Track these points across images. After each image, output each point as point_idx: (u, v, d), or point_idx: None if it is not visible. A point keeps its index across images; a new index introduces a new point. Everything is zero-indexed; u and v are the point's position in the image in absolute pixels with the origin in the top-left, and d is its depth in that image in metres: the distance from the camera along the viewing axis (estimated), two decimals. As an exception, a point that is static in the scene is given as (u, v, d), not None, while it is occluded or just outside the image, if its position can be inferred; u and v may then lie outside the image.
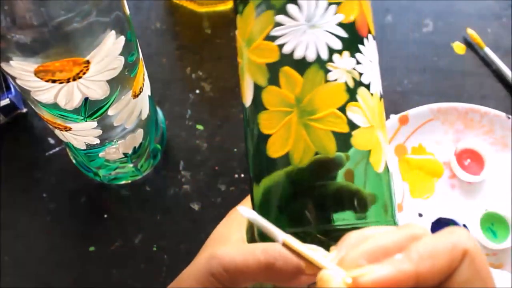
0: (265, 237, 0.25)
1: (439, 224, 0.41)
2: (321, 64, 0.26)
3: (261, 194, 0.27)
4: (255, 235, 0.28)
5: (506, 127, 0.44)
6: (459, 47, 0.50)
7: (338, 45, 0.27)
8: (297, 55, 0.26)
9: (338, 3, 0.27)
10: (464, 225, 0.41)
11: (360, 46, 0.27)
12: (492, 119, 0.44)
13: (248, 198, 0.30)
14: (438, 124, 0.45)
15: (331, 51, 0.27)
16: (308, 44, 0.26)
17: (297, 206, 0.26)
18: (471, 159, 0.44)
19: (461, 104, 0.44)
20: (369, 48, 0.28)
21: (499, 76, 0.49)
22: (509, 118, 0.44)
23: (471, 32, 0.49)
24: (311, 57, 0.26)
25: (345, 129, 0.26)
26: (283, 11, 0.26)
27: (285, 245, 0.20)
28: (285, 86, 0.26)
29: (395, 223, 0.26)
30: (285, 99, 0.26)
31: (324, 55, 0.26)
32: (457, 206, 0.42)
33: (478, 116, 0.44)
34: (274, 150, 0.26)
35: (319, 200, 0.26)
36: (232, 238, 0.28)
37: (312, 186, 0.26)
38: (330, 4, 0.27)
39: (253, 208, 0.28)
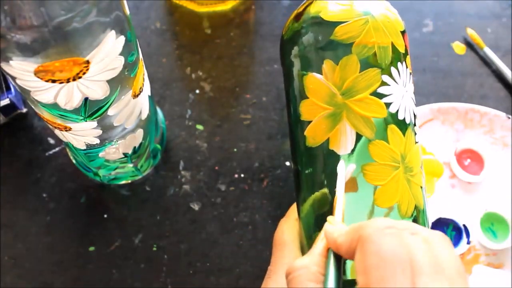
0: None
1: (439, 224, 0.41)
2: (412, 127, 0.29)
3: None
4: None
5: (506, 127, 0.44)
6: (459, 47, 0.50)
7: (415, 110, 0.30)
8: (400, 116, 0.28)
9: (411, 73, 0.31)
10: (464, 225, 0.41)
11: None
12: (492, 119, 0.44)
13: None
14: (438, 124, 0.45)
15: (415, 116, 0.30)
16: (406, 107, 0.29)
17: None
18: (471, 159, 0.44)
19: (461, 104, 0.44)
20: None
21: (499, 76, 0.49)
22: (509, 118, 0.44)
23: (471, 32, 0.49)
24: (408, 119, 0.29)
25: (422, 185, 0.30)
26: (388, 72, 0.28)
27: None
28: (392, 143, 0.28)
29: None
30: (393, 155, 0.28)
31: (412, 119, 0.30)
32: (457, 206, 0.42)
33: (478, 116, 0.44)
34: (383, 201, 0.27)
35: None
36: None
37: None
38: (410, 73, 0.31)
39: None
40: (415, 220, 0.28)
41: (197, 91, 0.47)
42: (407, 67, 0.30)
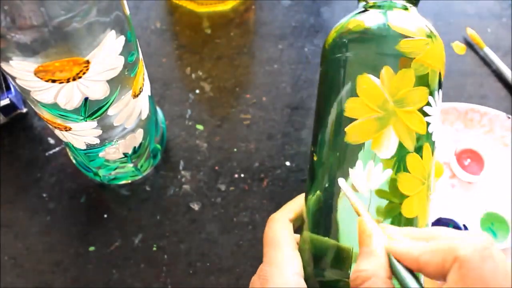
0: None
1: (439, 224, 0.41)
2: (436, 150, 0.31)
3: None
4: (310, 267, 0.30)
5: (506, 127, 0.44)
6: (459, 47, 0.50)
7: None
8: (434, 137, 0.30)
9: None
10: (464, 225, 0.41)
11: None
12: (492, 119, 0.44)
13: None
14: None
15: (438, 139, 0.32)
16: (439, 131, 0.31)
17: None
18: (471, 159, 0.44)
19: (461, 104, 0.44)
20: None
21: (499, 76, 0.49)
22: (509, 118, 0.44)
23: (471, 32, 0.49)
24: (436, 143, 0.31)
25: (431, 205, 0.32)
26: (432, 94, 0.30)
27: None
28: (425, 160, 0.30)
29: None
30: (423, 171, 0.29)
31: (437, 143, 0.31)
32: (457, 206, 0.42)
33: (478, 116, 0.44)
34: (407, 211, 0.29)
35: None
36: (287, 274, 0.29)
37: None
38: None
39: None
40: None
41: (197, 91, 0.47)
42: (440, 98, 0.33)
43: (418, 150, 0.29)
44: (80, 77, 0.27)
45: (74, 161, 0.42)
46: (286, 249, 0.30)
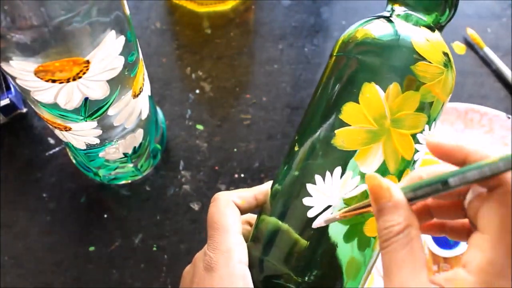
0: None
1: (439, 224, 0.41)
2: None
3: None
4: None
5: (506, 127, 0.44)
6: (459, 47, 0.50)
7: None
8: (416, 165, 0.30)
9: None
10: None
11: None
12: (492, 119, 0.44)
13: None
14: (438, 124, 0.45)
15: None
16: (420, 161, 0.31)
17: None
18: (471, 159, 0.44)
19: (461, 104, 0.44)
20: None
21: (499, 76, 0.49)
22: (509, 118, 0.44)
23: (471, 32, 0.49)
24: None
25: None
26: (429, 124, 0.30)
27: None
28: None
29: None
30: None
31: None
32: (457, 206, 0.42)
33: (478, 116, 0.44)
34: (370, 230, 0.29)
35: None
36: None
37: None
38: None
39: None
40: None
41: (197, 91, 0.47)
42: (435, 129, 0.32)
43: (398, 174, 0.29)
44: (80, 77, 0.27)
45: (74, 161, 0.42)
46: (233, 235, 0.29)
